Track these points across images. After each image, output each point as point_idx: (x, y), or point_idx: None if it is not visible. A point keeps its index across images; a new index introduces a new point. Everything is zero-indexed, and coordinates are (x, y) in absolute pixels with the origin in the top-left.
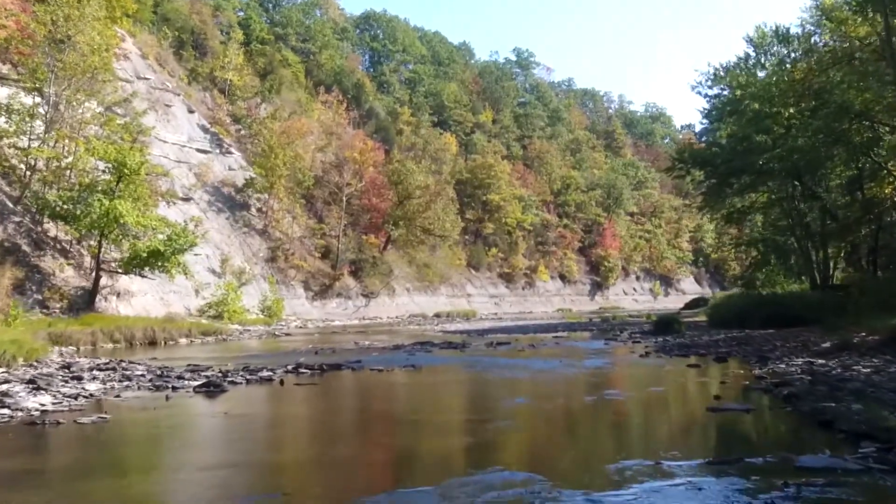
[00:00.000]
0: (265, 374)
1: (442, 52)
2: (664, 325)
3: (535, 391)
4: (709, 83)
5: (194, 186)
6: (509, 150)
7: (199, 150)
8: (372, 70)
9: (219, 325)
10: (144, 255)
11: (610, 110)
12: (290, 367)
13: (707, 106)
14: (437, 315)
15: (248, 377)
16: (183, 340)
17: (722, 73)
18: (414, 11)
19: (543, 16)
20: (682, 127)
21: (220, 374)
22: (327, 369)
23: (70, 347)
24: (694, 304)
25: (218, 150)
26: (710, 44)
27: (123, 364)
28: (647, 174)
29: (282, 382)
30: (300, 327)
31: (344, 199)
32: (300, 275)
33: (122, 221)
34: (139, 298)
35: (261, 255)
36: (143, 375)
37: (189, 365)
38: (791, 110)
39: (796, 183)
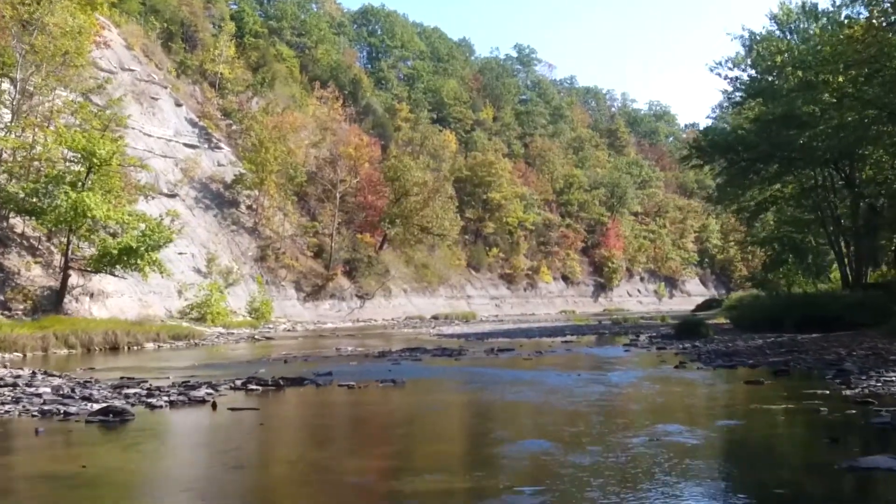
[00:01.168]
0: (203, 392)
1: (441, 48)
2: (688, 328)
3: (554, 425)
4: (729, 64)
5: (180, 182)
6: (510, 148)
7: (186, 145)
8: (369, 66)
9: (194, 329)
10: (115, 252)
11: (613, 108)
12: (238, 383)
13: (728, 88)
14: (435, 317)
15: (175, 398)
16: (150, 345)
17: (747, 50)
18: (413, 7)
19: (545, 12)
20: (686, 125)
21: (144, 392)
22: (285, 385)
23: (15, 354)
24: (706, 306)
25: (206, 145)
26: (714, 41)
27: (38, 377)
28: (652, 173)
29: (214, 406)
30: (288, 330)
31: (338, 195)
32: (291, 275)
33: (90, 215)
34: (115, 300)
35: (250, 254)
36: (43, 393)
37: (122, 378)
38: (841, 78)
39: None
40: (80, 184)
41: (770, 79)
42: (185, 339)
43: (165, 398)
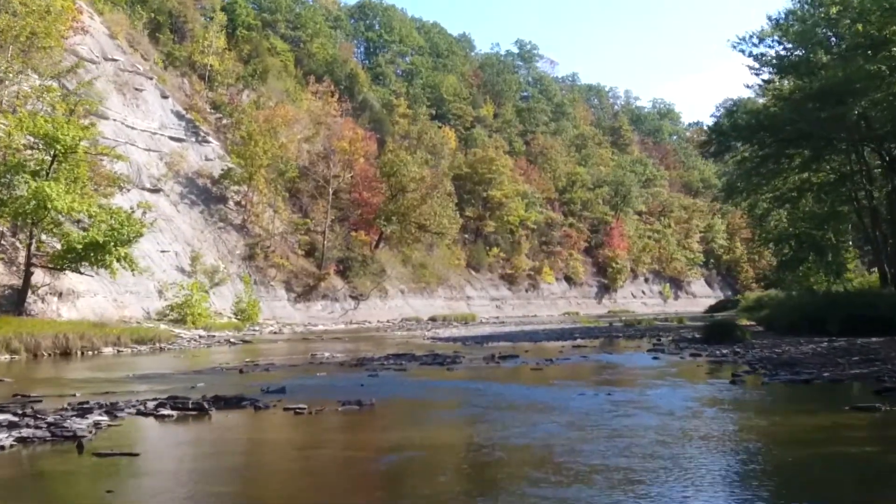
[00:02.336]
0: (88, 422)
1: (441, 43)
2: (719, 331)
3: None
4: (754, 40)
5: (164, 177)
6: (511, 145)
7: (172, 138)
8: (367, 62)
9: (162, 331)
10: (80, 247)
11: (616, 106)
12: (151, 406)
13: (755, 65)
14: (433, 319)
15: (34, 433)
16: (108, 350)
17: (774, 24)
18: (411, 1)
19: (546, 8)
20: (690, 124)
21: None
22: (213, 407)
23: None
24: (720, 307)
25: (194, 139)
26: (718, 38)
27: None
28: (656, 172)
29: (80, 448)
30: (275, 332)
31: (330, 191)
32: (281, 274)
33: (51, 207)
34: (87, 300)
35: (237, 252)
36: None
37: (15, 395)
38: None
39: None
40: (43, 173)
41: (804, 52)
42: (150, 343)
43: (16, 434)
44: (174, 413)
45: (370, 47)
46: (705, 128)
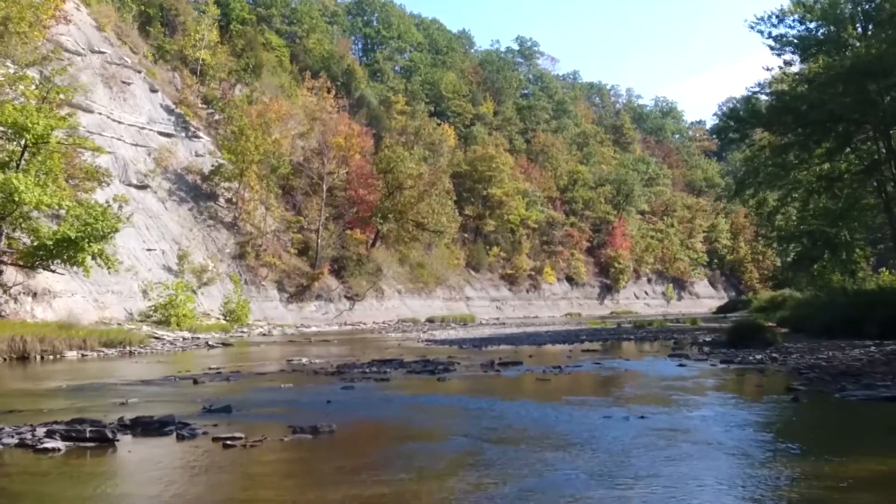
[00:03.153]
0: None
1: (440, 39)
2: (746, 333)
3: None
4: (773, 20)
5: (152, 173)
6: (512, 143)
7: (161, 133)
8: (364, 58)
9: (134, 334)
10: (51, 243)
11: (617, 105)
12: (41, 432)
13: (775, 45)
14: (430, 320)
15: None
16: (71, 354)
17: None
18: None
19: (547, 4)
20: (692, 123)
21: None
22: (133, 433)
23: None
24: (731, 307)
25: (184, 134)
26: (722, 35)
27: None
28: (659, 170)
29: None
30: (263, 334)
31: (324, 188)
32: (273, 274)
33: (19, 200)
34: (64, 300)
35: (227, 250)
36: None
37: None
38: None
39: None
40: (13, 164)
41: (831, 30)
42: (118, 347)
43: None
44: (62, 445)
45: (368, 44)
46: (719, 115)
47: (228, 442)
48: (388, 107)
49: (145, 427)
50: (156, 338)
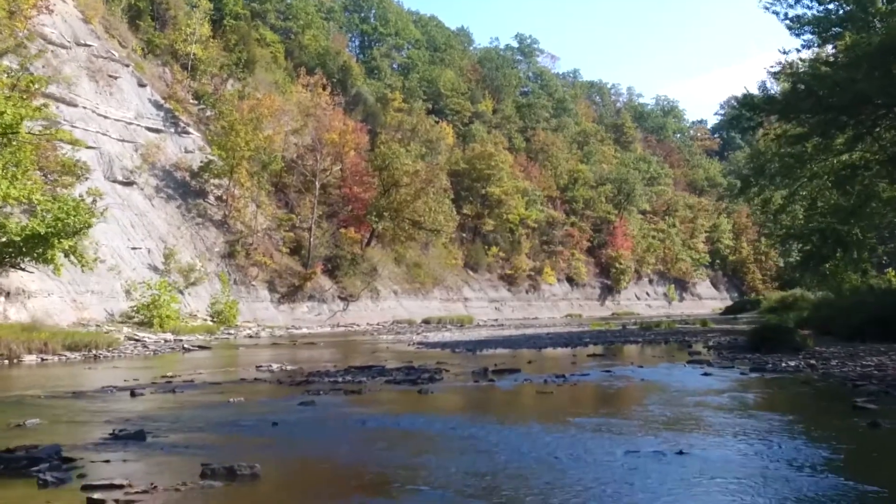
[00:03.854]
0: None
1: (438, 36)
2: (770, 336)
3: None
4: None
5: (139, 169)
6: (511, 141)
7: (149, 129)
8: (361, 55)
9: (103, 336)
10: (19, 240)
11: (618, 103)
12: None
13: (793, 25)
14: (426, 321)
15: None
16: (31, 358)
17: None
18: None
19: (547, 3)
20: (694, 122)
21: None
22: None
23: None
24: (739, 308)
25: (173, 130)
26: (722, 37)
27: None
28: (660, 170)
29: None
30: (251, 336)
31: (317, 185)
32: (264, 273)
33: None
34: (39, 300)
35: (216, 249)
36: None
37: None
38: None
39: None
40: None
41: (855, 7)
42: (85, 350)
43: None
44: None
45: (365, 41)
46: (725, 110)
47: (97, 496)
48: (385, 104)
49: (8, 465)
50: (135, 340)
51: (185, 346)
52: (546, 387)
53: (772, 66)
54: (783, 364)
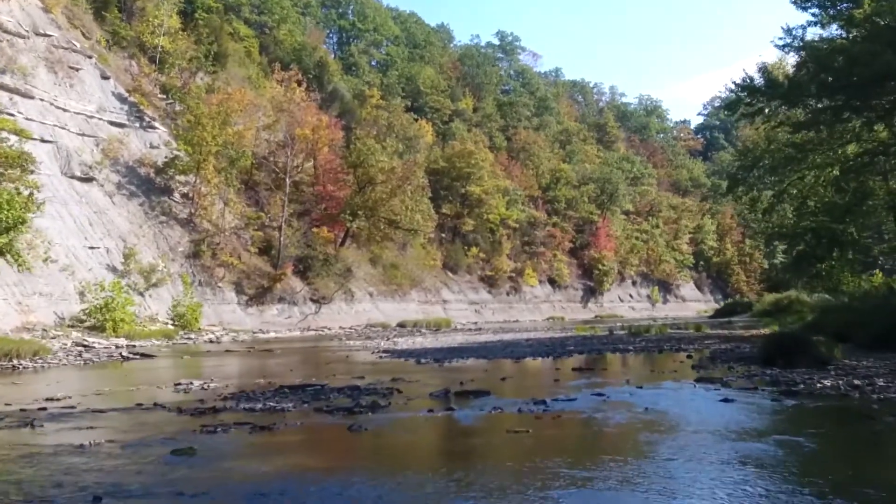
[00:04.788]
0: None
1: (418, 33)
2: (789, 346)
3: None
4: None
5: (99, 164)
6: (492, 140)
7: (111, 123)
8: (339, 52)
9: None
10: None
11: (601, 102)
12: None
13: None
14: (401, 325)
15: None
16: None
17: None
18: None
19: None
20: (677, 122)
21: None
22: None
23: None
24: (730, 310)
25: (137, 124)
26: (708, 34)
27: None
28: (644, 170)
29: None
30: (210, 341)
31: (288, 181)
32: (231, 274)
33: None
34: None
35: (181, 249)
36: None
37: None
38: None
39: None
40: None
41: None
42: (3, 360)
43: None
44: None
45: (343, 37)
46: (733, 85)
47: None
48: (363, 101)
49: None
50: (82, 346)
51: (125, 354)
52: (520, 420)
53: (780, 38)
54: (817, 384)
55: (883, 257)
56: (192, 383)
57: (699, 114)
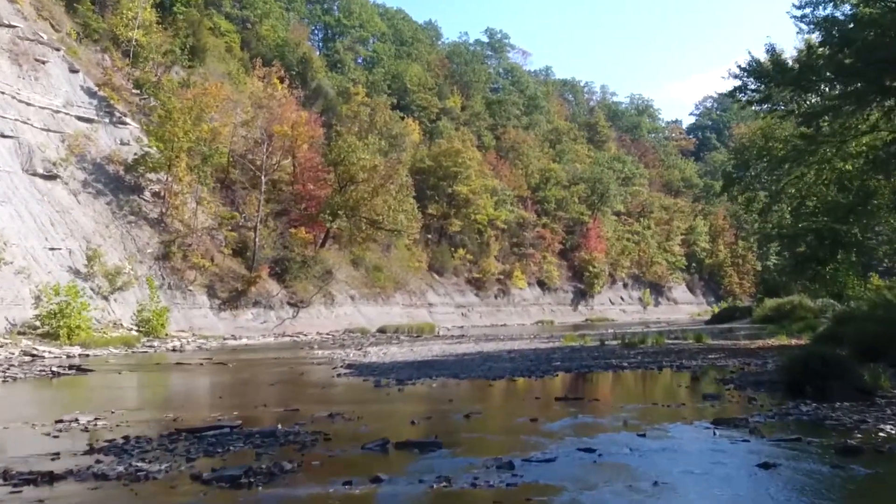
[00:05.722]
0: None
1: (405, 30)
2: (821, 371)
3: None
4: None
5: (64, 161)
6: (480, 139)
7: (79, 118)
8: (323, 48)
9: None
10: None
11: (592, 102)
12: None
13: None
14: (381, 330)
15: None
16: None
17: None
18: None
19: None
20: (669, 122)
21: None
22: None
23: None
24: (727, 316)
25: (108, 120)
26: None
27: None
28: (635, 170)
29: None
30: (175, 349)
31: (263, 179)
32: (203, 277)
33: None
34: None
35: (149, 251)
36: None
37: None
38: None
39: None
40: None
41: None
42: None
43: None
44: None
45: (328, 33)
46: (738, 69)
47: None
48: (348, 98)
49: None
50: (31, 355)
51: (55, 369)
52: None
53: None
54: (877, 431)
55: (888, 260)
56: (76, 420)
57: (691, 114)
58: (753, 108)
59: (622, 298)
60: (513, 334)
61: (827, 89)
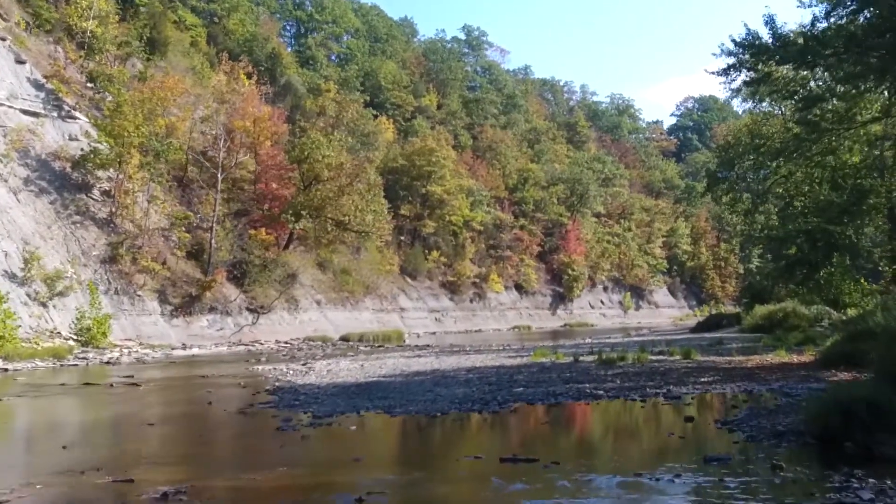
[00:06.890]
0: None
1: (380, 26)
2: (865, 420)
3: None
4: None
5: (5, 157)
6: (457, 138)
7: (24, 112)
8: (295, 44)
9: None
10: None
11: (571, 101)
12: None
13: None
14: (345, 339)
15: None
16: None
17: None
18: None
19: None
20: (650, 122)
21: None
22: None
23: None
24: (714, 324)
25: (55, 114)
26: (677, 35)
27: None
28: (615, 170)
29: None
30: (110, 362)
31: (220, 177)
32: (154, 281)
33: None
34: None
35: (95, 253)
36: None
37: None
38: None
39: None
40: None
41: None
42: None
43: None
44: None
45: (300, 29)
46: (732, 45)
47: None
48: (318, 95)
49: None
50: None
51: None
52: None
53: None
54: None
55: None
56: None
57: (672, 114)
58: (744, 93)
59: (602, 302)
60: (482, 344)
61: (833, 69)
